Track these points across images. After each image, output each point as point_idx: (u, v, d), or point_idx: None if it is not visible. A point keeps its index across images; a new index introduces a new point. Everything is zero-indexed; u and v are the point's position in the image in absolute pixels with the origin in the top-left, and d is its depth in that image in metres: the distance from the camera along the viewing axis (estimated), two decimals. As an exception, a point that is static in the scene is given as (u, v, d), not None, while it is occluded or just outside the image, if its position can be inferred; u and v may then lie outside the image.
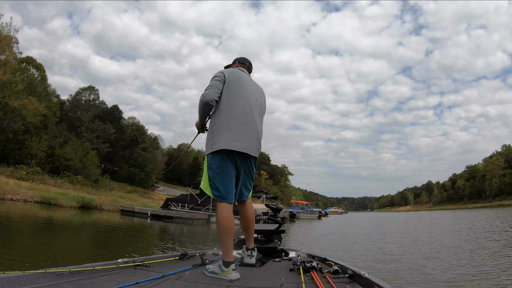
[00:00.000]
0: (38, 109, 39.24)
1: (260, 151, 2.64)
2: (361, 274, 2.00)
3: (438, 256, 8.51)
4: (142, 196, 44.73)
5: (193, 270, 2.53)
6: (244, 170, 2.54)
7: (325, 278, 2.14)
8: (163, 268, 2.52)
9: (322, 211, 57.10)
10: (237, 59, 2.95)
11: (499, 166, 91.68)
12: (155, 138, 71.13)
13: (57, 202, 24.66)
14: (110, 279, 2.08)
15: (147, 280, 2.06)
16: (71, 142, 42.67)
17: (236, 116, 2.48)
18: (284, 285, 2.07)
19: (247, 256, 2.78)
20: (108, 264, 2.35)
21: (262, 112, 2.75)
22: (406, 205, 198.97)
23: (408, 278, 6.05)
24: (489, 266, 6.94)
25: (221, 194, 2.41)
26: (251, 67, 2.93)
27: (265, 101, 2.82)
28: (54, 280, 1.92)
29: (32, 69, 46.19)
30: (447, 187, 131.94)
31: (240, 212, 2.68)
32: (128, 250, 9.04)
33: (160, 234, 16.02)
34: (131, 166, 52.59)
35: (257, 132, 2.57)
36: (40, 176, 35.40)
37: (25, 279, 1.80)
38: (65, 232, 12.83)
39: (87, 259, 7.11)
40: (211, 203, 25.23)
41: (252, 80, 2.79)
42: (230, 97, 2.52)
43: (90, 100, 55.16)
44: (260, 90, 2.79)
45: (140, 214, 25.14)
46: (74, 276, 2.02)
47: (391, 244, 11.91)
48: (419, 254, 9.11)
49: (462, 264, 7.34)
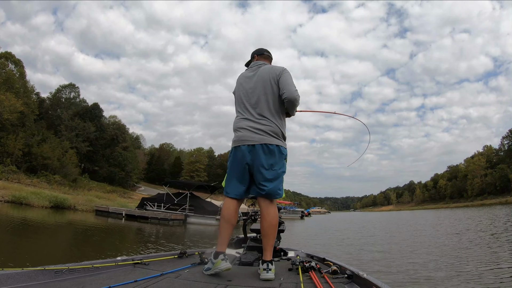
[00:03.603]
0: (15, 106, 38.40)
1: (269, 133, 2.48)
2: (360, 275, 2.01)
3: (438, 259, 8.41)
4: (121, 196, 43.97)
5: (192, 268, 2.54)
6: (254, 162, 2.47)
7: (324, 278, 2.16)
8: (161, 266, 2.53)
9: (305, 211, 57.48)
10: (254, 52, 2.93)
11: (480, 166, 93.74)
12: (137, 137, 70.76)
13: (28, 201, 23.94)
14: (108, 277, 2.09)
15: (145, 278, 2.08)
16: (49, 140, 41.77)
17: (236, 117, 2.67)
18: (282, 284, 2.08)
19: (262, 270, 2.28)
20: (107, 262, 2.37)
21: (261, 96, 2.58)
22: (389, 204, 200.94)
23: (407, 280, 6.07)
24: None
25: (224, 188, 2.61)
26: (266, 53, 2.91)
27: (274, 79, 2.59)
28: (53, 277, 1.93)
29: (11, 64, 45.18)
30: (429, 187, 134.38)
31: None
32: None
33: (126, 236, 15.76)
34: (111, 165, 51.90)
35: (253, 119, 2.54)
36: (16, 175, 34.49)
37: (24, 276, 1.81)
38: (25, 232, 12.44)
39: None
40: (187, 203, 25.01)
41: (254, 72, 2.69)
42: (235, 103, 2.73)
43: (70, 98, 54.28)
44: (259, 77, 2.64)
45: (115, 214, 24.51)
46: (73, 274, 2.04)
47: (391, 245, 11.90)
48: (418, 254, 9.15)
49: (459, 264, 7.44)
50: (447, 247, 10.11)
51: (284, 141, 2.57)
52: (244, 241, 3.82)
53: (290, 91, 2.50)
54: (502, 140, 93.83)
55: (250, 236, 3.85)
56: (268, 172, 2.43)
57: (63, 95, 54.33)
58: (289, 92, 2.50)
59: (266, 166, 2.42)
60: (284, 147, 2.54)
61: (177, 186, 29.50)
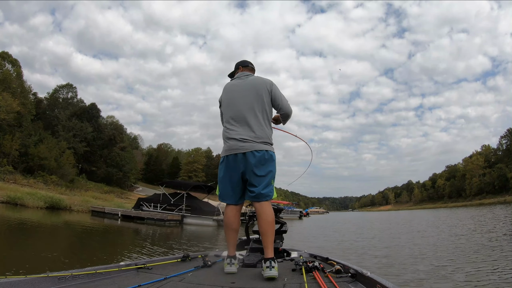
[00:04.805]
0: (12, 106, 38.31)
1: (256, 140, 2.59)
2: (364, 273, 2.01)
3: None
4: (118, 197, 43.83)
5: (195, 272, 2.56)
6: (245, 169, 2.59)
7: (328, 277, 2.16)
8: (165, 270, 2.54)
9: (303, 211, 57.47)
10: (239, 63, 3.00)
11: (479, 165, 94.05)
12: (135, 137, 70.62)
13: (23, 202, 23.79)
14: (112, 282, 2.10)
15: (149, 282, 2.08)
16: (46, 140, 41.63)
17: (224, 126, 2.76)
18: (286, 285, 2.09)
19: (266, 268, 2.30)
20: (110, 267, 2.37)
21: (253, 104, 2.68)
22: (387, 204, 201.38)
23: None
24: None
25: (220, 195, 2.76)
26: (250, 65, 3.00)
27: (266, 89, 2.72)
28: (56, 284, 1.93)
29: (8, 64, 45.01)
30: (427, 186, 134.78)
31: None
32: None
33: (119, 238, 15.62)
34: (109, 166, 51.79)
35: (242, 127, 2.63)
36: (12, 175, 34.35)
37: (27, 284, 1.81)
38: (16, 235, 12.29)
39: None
40: (184, 203, 24.87)
41: (243, 81, 2.79)
42: (223, 111, 2.80)
43: (68, 98, 54.12)
44: (249, 86, 2.74)
45: (111, 215, 24.40)
46: (76, 280, 2.04)
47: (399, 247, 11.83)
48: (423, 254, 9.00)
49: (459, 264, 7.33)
50: (457, 249, 9.79)
51: (271, 145, 2.69)
52: (246, 243, 3.81)
53: (286, 106, 2.82)
54: (500, 140, 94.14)
55: (253, 238, 3.84)
56: (258, 178, 2.56)
57: (60, 95, 54.17)
58: (286, 108, 2.83)
59: (256, 171, 2.55)
60: (272, 151, 2.67)
61: (173, 186, 29.31)
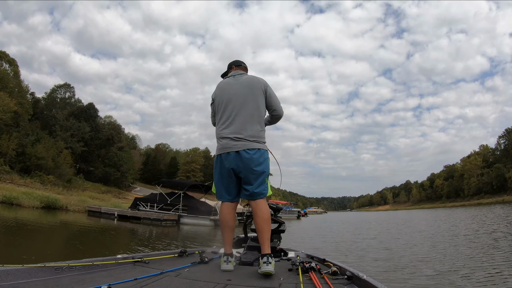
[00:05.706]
0: (9, 105, 38.13)
1: (249, 139, 2.62)
2: (360, 276, 2.01)
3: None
4: (116, 197, 43.74)
5: (192, 267, 2.56)
6: (239, 167, 2.62)
7: (324, 279, 2.16)
8: (161, 264, 2.55)
9: (301, 211, 57.56)
10: (232, 63, 3.05)
11: (477, 165, 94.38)
12: (133, 137, 70.47)
13: (19, 202, 23.72)
14: (109, 275, 2.09)
15: (145, 276, 2.08)
16: (43, 140, 41.48)
17: (217, 124, 2.80)
18: (282, 285, 2.08)
19: (262, 263, 2.31)
20: (107, 259, 2.38)
21: (247, 103, 2.71)
22: (385, 204, 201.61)
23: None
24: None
25: (216, 193, 2.81)
26: (243, 64, 3.04)
27: (261, 88, 2.78)
28: (53, 274, 1.93)
29: (5, 64, 44.85)
30: (425, 186, 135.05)
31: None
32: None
33: (115, 237, 15.52)
34: (107, 166, 51.70)
35: (236, 126, 2.66)
36: (9, 175, 34.19)
37: (24, 273, 1.81)
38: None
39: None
40: (181, 203, 24.80)
41: (238, 80, 2.82)
42: (216, 109, 2.84)
43: (65, 98, 54.02)
44: (244, 85, 2.78)
45: (107, 214, 24.27)
46: (73, 271, 2.04)
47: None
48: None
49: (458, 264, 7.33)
50: (462, 249, 9.75)
51: (265, 144, 2.73)
52: (244, 240, 3.82)
53: (280, 109, 2.88)
54: (499, 140, 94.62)
55: (251, 236, 3.82)
56: (251, 176, 2.60)
57: (58, 95, 54.04)
58: (279, 110, 2.88)
59: (249, 170, 2.59)
60: (265, 150, 2.71)
61: (170, 186, 29.30)
